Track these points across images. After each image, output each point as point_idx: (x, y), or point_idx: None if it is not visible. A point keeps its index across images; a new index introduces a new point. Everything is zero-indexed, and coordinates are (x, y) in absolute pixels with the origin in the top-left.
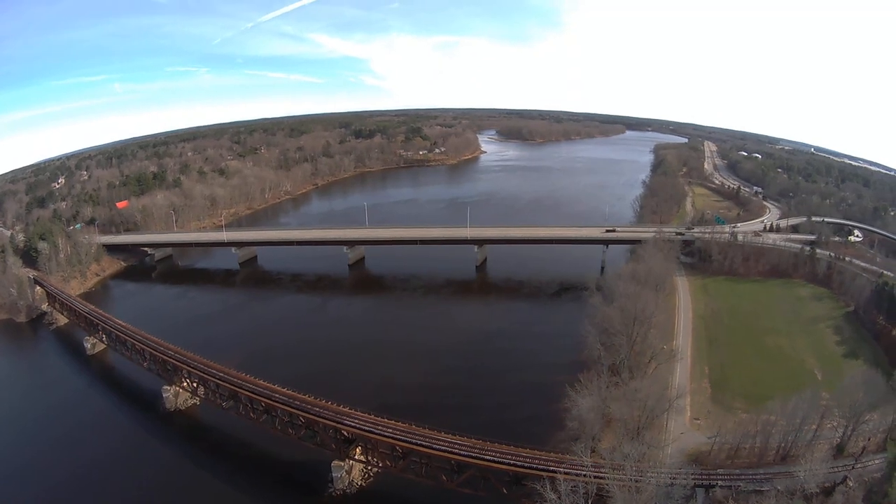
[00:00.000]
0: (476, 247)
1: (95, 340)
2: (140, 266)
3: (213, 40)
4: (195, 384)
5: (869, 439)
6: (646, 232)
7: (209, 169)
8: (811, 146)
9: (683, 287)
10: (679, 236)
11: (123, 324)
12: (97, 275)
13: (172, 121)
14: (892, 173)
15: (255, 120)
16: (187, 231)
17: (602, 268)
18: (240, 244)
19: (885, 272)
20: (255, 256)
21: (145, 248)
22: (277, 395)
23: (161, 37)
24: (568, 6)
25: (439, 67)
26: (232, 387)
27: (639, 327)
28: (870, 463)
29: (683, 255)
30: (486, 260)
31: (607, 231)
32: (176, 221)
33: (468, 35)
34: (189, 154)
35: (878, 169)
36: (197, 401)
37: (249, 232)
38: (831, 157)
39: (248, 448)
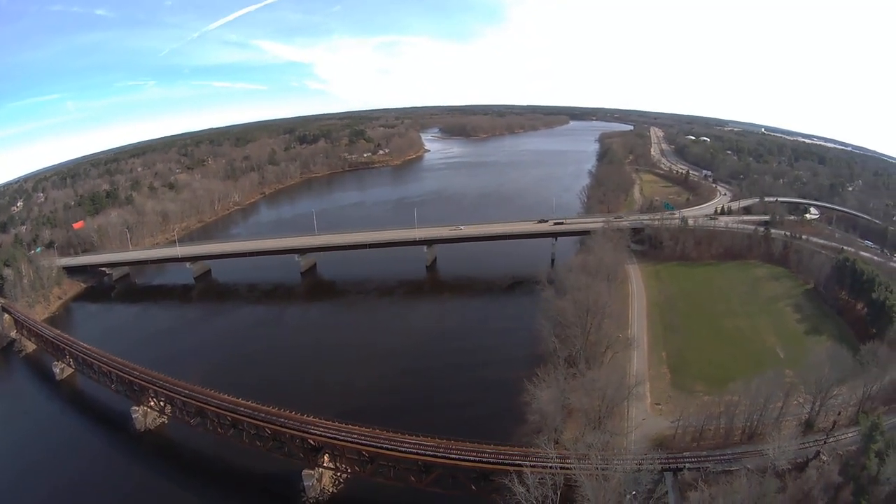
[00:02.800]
0: (425, 247)
1: (64, 365)
2: (99, 287)
3: (161, 52)
4: (162, 403)
5: (839, 413)
6: (594, 222)
7: (159, 184)
8: (762, 126)
9: (636, 275)
10: (618, 220)
11: (89, 347)
12: (59, 298)
13: (123, 136)
14: (850, 149)
15: (202, 131)
16: (142, 248)
17: (552, 260)
18: (193, 259)
19: (845, 248)
20: (210, 270)
21: (103, 269)
22: (243, 409)
23: (110, 52)
24: (511, 1)
25: (381, 68)
26: (198, 403)
27: (592, 318)
28: (843, 437)
29: (634, 242)
30: (435, 259)
31: (555, 223)
32: (130, 239)
33: (409, 34)
34: (139, 169)
35: (833, 146)
36: (165, 419)
37: (202, 246)
38: (784, 136)
39: (219, 463)
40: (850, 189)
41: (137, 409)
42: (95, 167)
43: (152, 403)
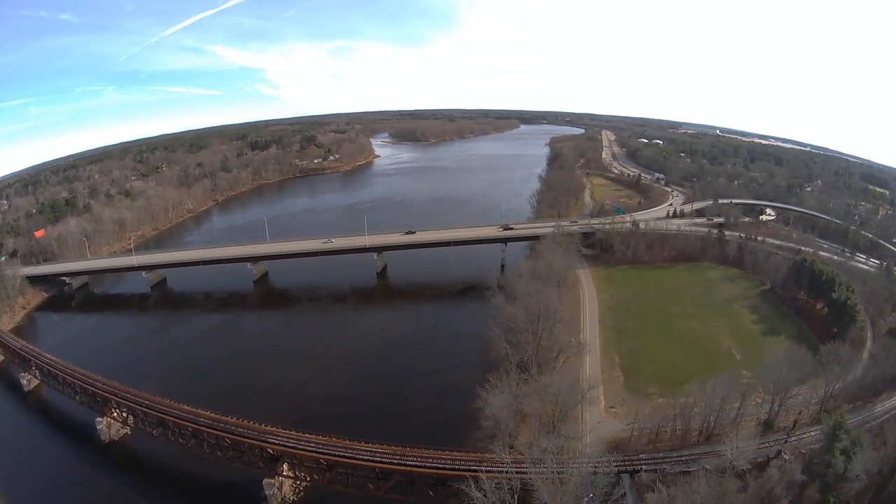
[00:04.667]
0: (375, 254)
1: (30, 376)
2: (60, 296)
3: (120, 57)
4: (124, 414)
5: (800, 413)
6: (544, 227)
7: (116, 191)
8: (717, 128)
9: (587, 279)
10: (571, 224)
11: (53, 358)
12: (24, 308)
13: (82, 142)
14: (809, 149)
15: (157, 137)
16: (100, 257)
17: (502, 266)
18: (149, 268)
19: (802, 248)
20: (165, 278)
21: (63, 278)
22: (203, 419)
23: (73, 57)
24: (464, 6)
25: (334, 73)
26: (159, 414)
27: (544, 323)
28: (805, 436)
29: (584, 247)
30: (386, 266)
31: (505, 229)
32: (89, 248)
33: (362, 39)
34: (97, 177)
35: (791, 146)
36: (128, 430)
37: (157, 254)
38: (739, 137)
39: (182, 473)
40: (809, 189)
41: (101, 420)
42: (55, 174)
43: (115, 414)
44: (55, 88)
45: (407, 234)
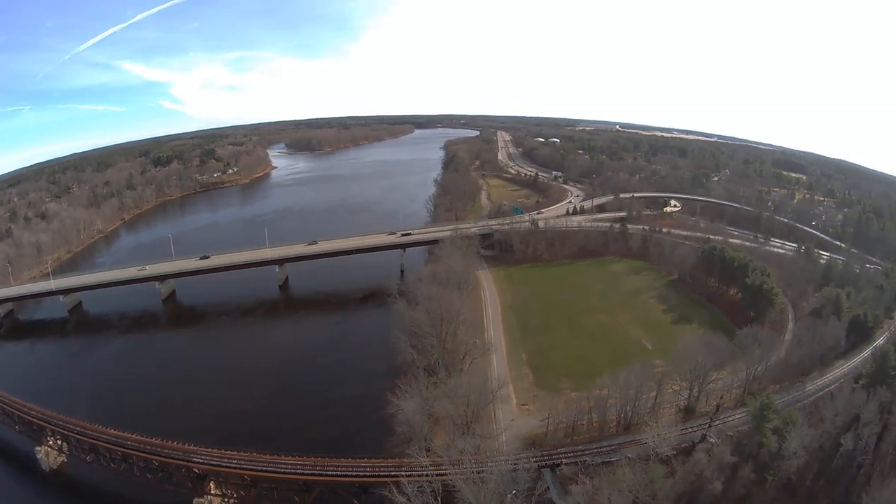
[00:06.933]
0: (277, 266)
1: None
2: None
3: (37, 75)
4: (59, 441)
5: (722, 397)
6: (442, 231)
7: (33, 214)
8: (616, 123)
9: (487, 280)
10: (470, 228)
11: None
12: None
13: (3, 165)
14: (715, 139)
15: (68, 156)
16: (22, 283)
17: (402, 272)
18: (66, 291)
19: (711, 237)
20: (80, 302)
21: None
22: (130, 442)
23: None
24: (360, 14)
25: (232, 84)
26: (90, 440)
27: (447, 326)
28: (730, 419)
29: (483, 248)
30: (287, 278)
31: (403, 235)
32: (12, 273)
33: (260, 49)
34: (16, 199)
35: (696, 137)
36: (65, 458)
37: (73, 278)
38: (640, 131)
39: (118, 499)
40: (716, 179)
41: (40, 449)
42: None
43: (51, 442)
44: None
45: (310, 244)
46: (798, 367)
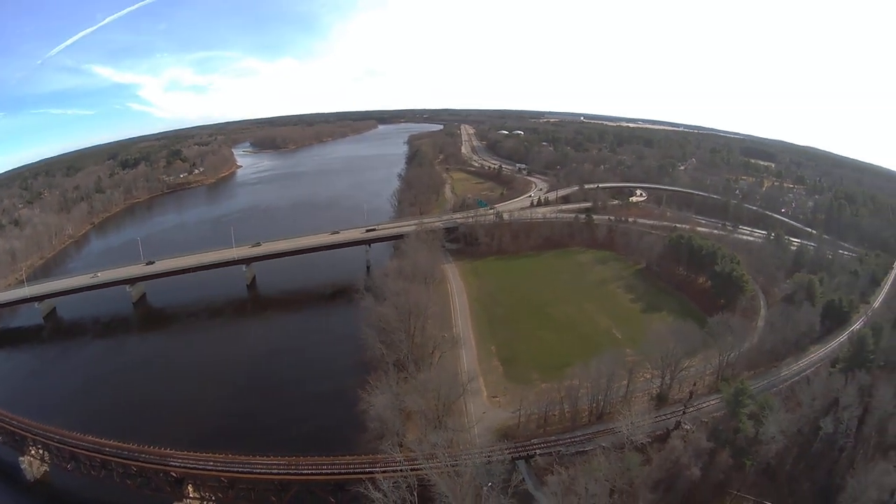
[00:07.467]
0: (244, 266)
1: None
2: None
3: (11, 81)
4: (41, 451)
5: (695, 384)
6: (407, 225)
7: (7, 220)
8: (581, 115)
9: (453, 274)
10: (436, 221)
11: None
12: None
13: None
14: (682, 129)
15: (39, 161)
16: None
17: (368, 267)
18: (41, 298)
19: (678, 225)
20: (55, 308)
21: None
22: (108, 449)
23: None
24: (325, 10)
25: (198, 84)
26: (70, 448)
27: (415, 321)
28: (704, 405)
29: (449, 242)
30: (255, 277)
31: (368, 230)
32: None
33: (225, 49)
34: None
35: (662, 127)
36: (47, 467)
37: (47, 284)
38: (605, 122)
39: None
40: (683, 168)
41: (24, 459)
42: None
43: (33, 452)
44: None
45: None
46: (772, 353)
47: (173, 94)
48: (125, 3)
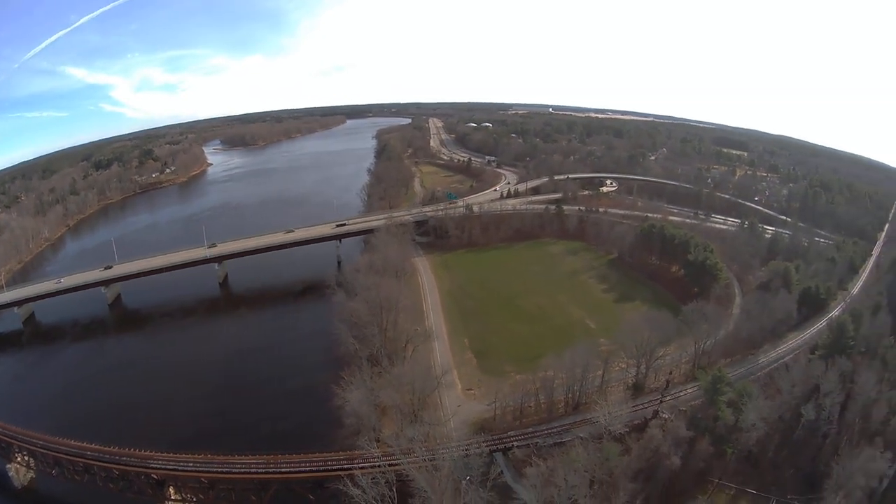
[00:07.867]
0: (217, 264)
1: None
2: None
3: None
4: (26, 457)
5: (671, 373)
6: (376, 220)
7: None
8: (549, 106)
9: (424, 267)
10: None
11: None
12: None
13: None
14: (651, 119)
15: (16, 165)
16: None
17: (339, 263)
18: (20, 303)
19: (649, 215)
20: (33, 312)
21: None
22: (89, 453)
23: None
24: (292, 7)
25: (169, 83)
26: (52, 453)
27: (387, 315)
28: (681, 394)
29: (419, 235)
30: (227, 275)
31: (338, 226)
32: None
33: (195, 47)
34: None
35: (631, 118)
36: (33, 474)
37: (25, 288)
38: (574, 113)
39: None
40: (653, 158)
41: (11, 466)
42: None
43: (19, 459)
44: None
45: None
46: (748, 341)
47: (144, 93)
48: (98, 3)
